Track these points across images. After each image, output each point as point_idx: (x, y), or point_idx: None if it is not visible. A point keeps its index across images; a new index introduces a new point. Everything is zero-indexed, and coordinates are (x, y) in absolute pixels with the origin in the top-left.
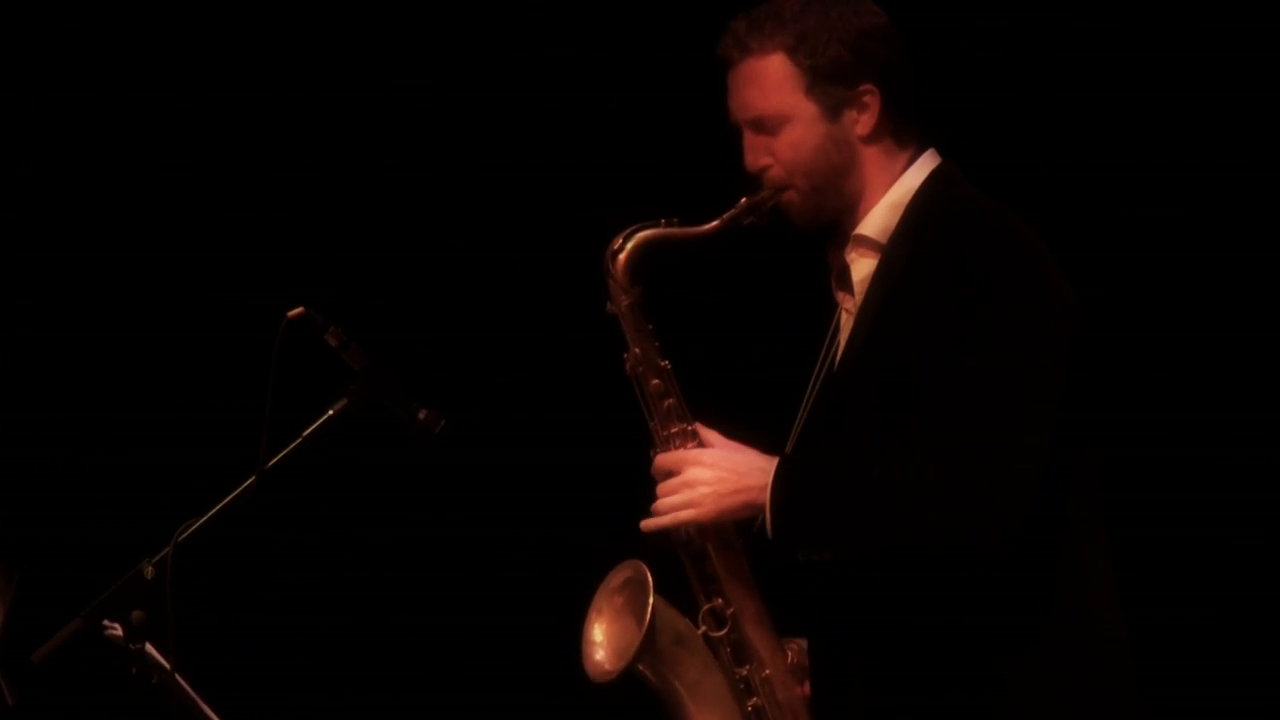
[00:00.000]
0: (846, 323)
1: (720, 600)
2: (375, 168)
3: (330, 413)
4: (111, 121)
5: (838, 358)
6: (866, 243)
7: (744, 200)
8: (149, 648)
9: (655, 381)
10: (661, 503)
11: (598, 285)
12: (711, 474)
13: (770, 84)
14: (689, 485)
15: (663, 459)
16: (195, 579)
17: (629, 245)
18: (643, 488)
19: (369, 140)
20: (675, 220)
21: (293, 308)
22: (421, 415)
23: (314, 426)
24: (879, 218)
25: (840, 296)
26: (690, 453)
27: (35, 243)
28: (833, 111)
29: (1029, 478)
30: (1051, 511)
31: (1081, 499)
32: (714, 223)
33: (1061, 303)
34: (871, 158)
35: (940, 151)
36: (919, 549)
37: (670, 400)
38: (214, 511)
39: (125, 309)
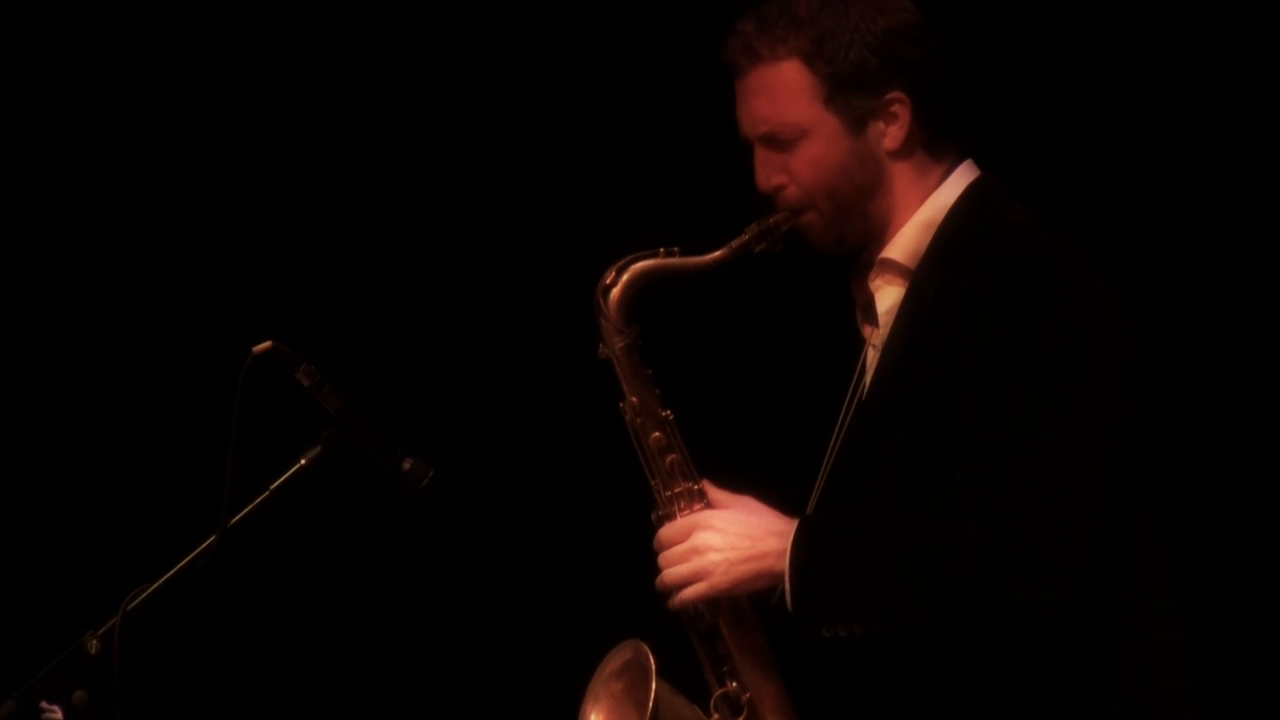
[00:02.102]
0: (874, 359)
1: (735, 684)
2: (361, 196)
3: (302, 463)
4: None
5: (864, 400)
6: (893, 268)
7: (754, 225)
8: None
9: (656, 434)
10: (668, 574)
11: (589, 325)
12: (722, 539)
13: (784, 94)
14: (697, 552)
15: (666, 530)
16: (146, 653)
17: (623, 279)
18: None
19: (359, 167)
20: (676, 249)
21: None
22: (407, 465)
23: (283, 479)
24: (908, 239)
25: (867, 331)
26: (697, 516)
27: None
28: (857, 124)
29: (1086, 536)
30: (1110, 568)
31: (1145, 545)
32: (720, 251)
33: (1119, 333)
34: (901, 174)
35: (979, 163)
36: (960, 618)
37: (673, 455)
38: (168, 576)
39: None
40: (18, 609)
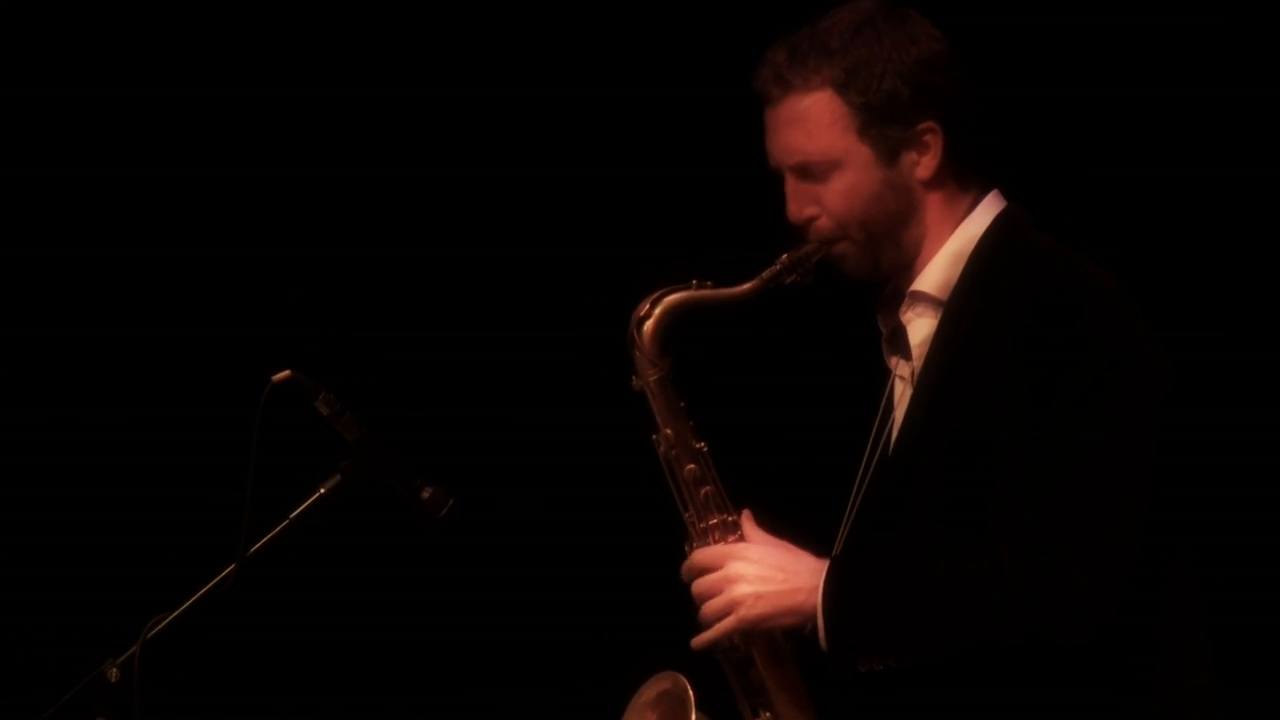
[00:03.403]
0: (903, 392)
1: (768, 715)
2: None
3: (321, 492)
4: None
5: (894, 433)
6: (925, 300)
7: (785, 256)
8: None
9: (691, 466)
10: (705, 607)
11: (622, 357)
12: (756, 570)
13: (817, 125)
14: (730, 580)
15: (698, 556)
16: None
17: (657, 311)
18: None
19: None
20: (708, 282)
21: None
22: (426, 494)
23: (302, 508)
24: (939, 271)
25: (893, 362)
26: (731, 546)
27: None
28: (889, 154)
29: (1123, 565)
30: (1144, 597)
31: (1176, 578)
32: (751, 283)
33: (1152, 361)
34: (933, 203)
35: (1004, 193)
36: (996, 649)
37: (708, 488)
38: (187, 605)
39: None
40: (38, 636)
